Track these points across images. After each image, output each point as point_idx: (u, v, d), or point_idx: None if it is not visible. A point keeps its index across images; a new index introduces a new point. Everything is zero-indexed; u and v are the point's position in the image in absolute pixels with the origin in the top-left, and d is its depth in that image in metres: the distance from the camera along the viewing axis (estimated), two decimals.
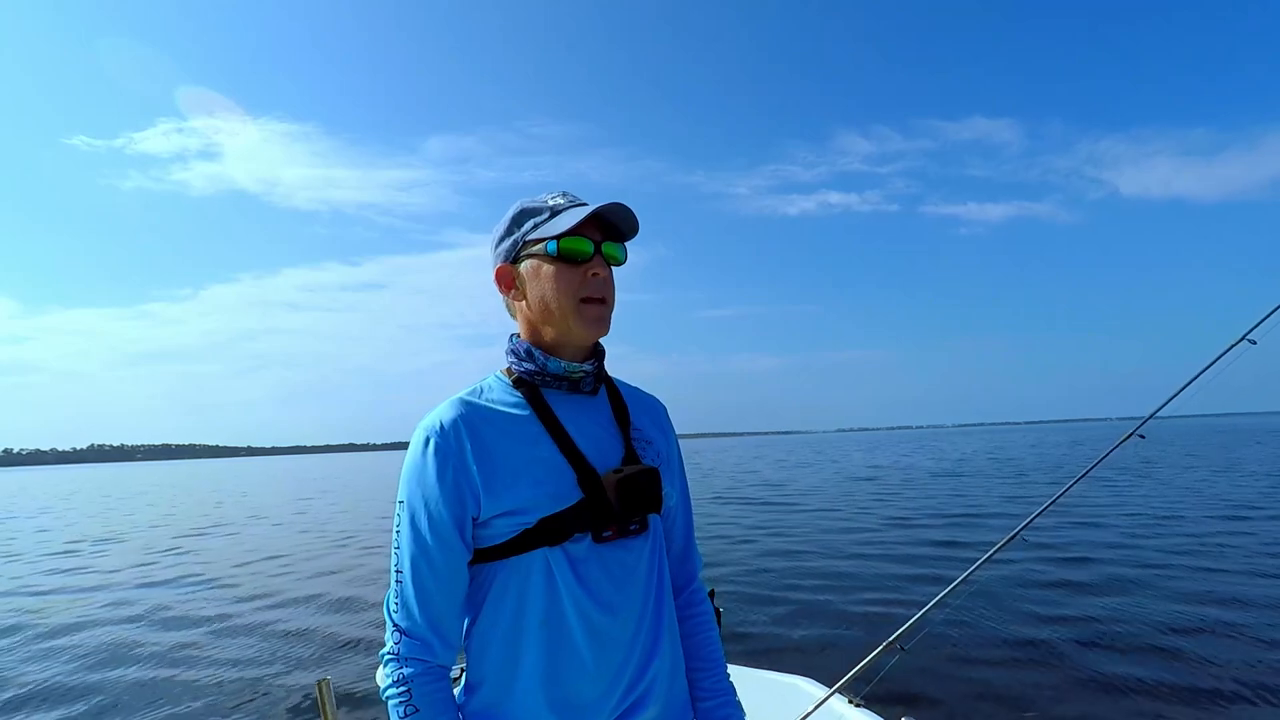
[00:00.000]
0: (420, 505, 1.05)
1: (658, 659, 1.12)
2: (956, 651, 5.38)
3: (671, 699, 1.15)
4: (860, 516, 13.96)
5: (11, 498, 38.34)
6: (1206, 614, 6.18)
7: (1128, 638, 5.63)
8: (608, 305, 1.13)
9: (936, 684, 4.71)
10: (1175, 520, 11.60)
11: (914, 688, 4.57)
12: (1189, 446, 36.52)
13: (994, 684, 4.76)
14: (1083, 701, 4.46)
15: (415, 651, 1.03)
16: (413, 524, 1.05)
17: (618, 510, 1.07)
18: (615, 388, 1.23)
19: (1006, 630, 5.94)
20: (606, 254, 1.13)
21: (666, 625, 1.15)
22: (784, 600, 7.28)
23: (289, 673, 5.64)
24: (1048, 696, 4.55)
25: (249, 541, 14.46)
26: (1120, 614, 6.27)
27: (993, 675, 4.91)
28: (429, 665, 1.04)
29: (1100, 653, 5.30)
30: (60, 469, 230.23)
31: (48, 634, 7.28)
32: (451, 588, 1.06)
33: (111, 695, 5.32)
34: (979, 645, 5.55)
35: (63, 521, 21.27)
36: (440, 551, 1.04)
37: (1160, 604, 6.55)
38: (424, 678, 1.03)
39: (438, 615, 1.05)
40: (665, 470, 1.20)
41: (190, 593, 9.18)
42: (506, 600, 1.06)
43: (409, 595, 1.04)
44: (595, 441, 1.13)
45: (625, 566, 1.10)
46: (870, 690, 1.08)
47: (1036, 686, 4.71)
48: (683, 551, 1.29)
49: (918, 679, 4.69)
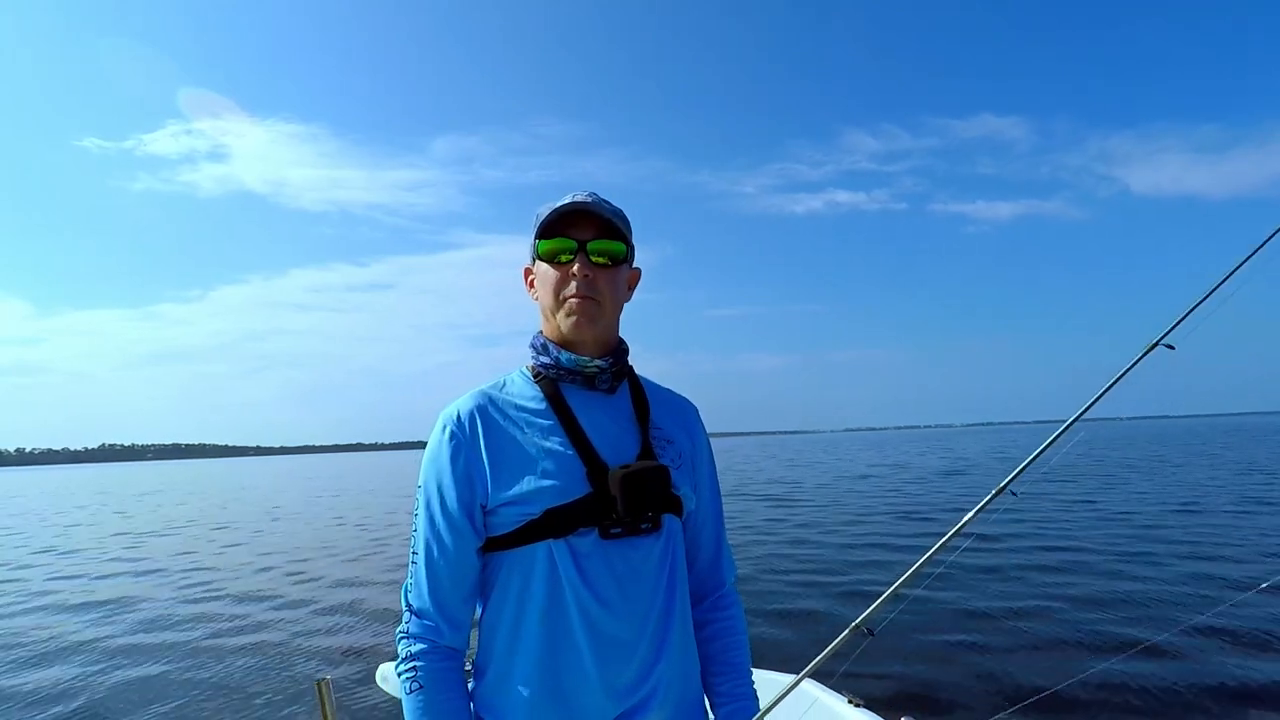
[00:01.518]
0: (435, 491, 1.10)
1: (663, 663, 1.10)
2: (921, 634, 5.75)
3: (682, 706, 1.13)
4: (860, 513, 14.02)
5: (49, 497, 38.50)
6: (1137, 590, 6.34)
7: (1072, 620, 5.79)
8: (596, 303, 1.12)
9: (903, 665, 5.08)
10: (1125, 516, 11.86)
11: (882, 669, 4.93)
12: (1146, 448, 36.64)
13: (956, 662, 5.13)
14: (1040, 674, 4.72)
15: (424, 631, 1.08)
16: (428, 509, 1.10)
17: (622, 505, 1.06)
18: (639, 386, 1.23)
19: (971, 611, 6.46)
20: (596, 250, 1.12)
21: (677, 630, 1.13)
22: (783, 595, 7.40)
23: (289, 673, 5.64)
24: (1008, 672, 4.91)
25: (259, 540, 14.59)
26: (1069, 596, 6.49)
27: (956, 654, 5.29)
28: (437, 645, 1.07)
29: (1053, 627, 5.55)
30: (73, 468, 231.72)
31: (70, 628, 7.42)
32: (461, 572, 1.09)
33: (113, 693, 5.35)
34: (942, 627, 5.97)
35: (87, 517, 21.50)
36: (451, 536, 1.08)
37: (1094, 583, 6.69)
38: (431, 655, 1.06)
39: (446, 598, 1.08)
40: (684, 471, 1.18)
41: (191, 593, 9.19)
42: (510, 590, 1.08)
43: (421, 577, 1.09)
44: (609, 437, 1.13)
45: (631, 565, 1.09)
46: (845, 669, 1.15)
47: (998, 664, 5.08)
48: (714, 557, 1.27)
49: (886, 661, 5.09)
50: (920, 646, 5.47)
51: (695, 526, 1.24)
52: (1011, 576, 7.82)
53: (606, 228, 1.13)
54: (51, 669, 6.02)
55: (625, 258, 1.16)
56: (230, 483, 46.16)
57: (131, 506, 26.56)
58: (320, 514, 19.94)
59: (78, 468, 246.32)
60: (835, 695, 2.33)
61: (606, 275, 1.13)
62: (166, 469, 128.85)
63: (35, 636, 7.17)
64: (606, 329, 1.16)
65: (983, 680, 4.79)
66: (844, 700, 2.27)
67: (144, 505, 27.08)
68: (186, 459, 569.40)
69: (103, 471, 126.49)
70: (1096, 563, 8.42)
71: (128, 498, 32.82)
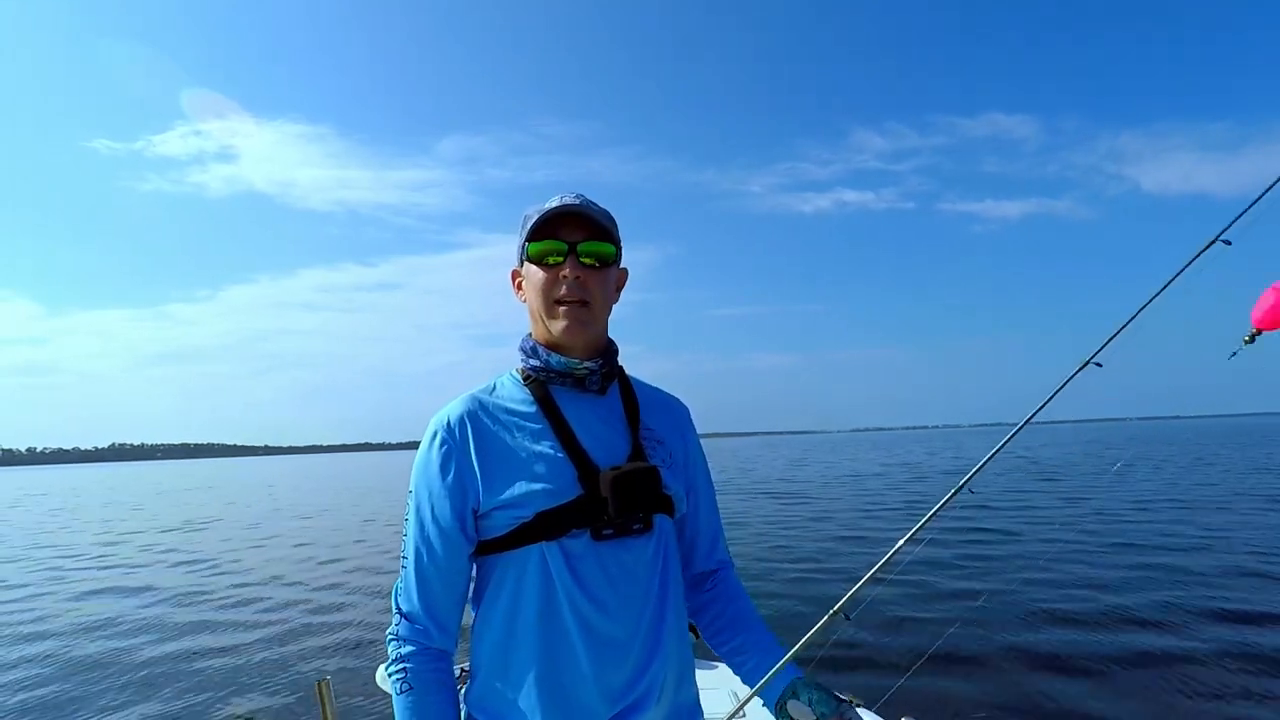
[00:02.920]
0: (425, 496, 1.10)
1: (658, 663, 1.10)
2: (897, 618, 6.18)
3: (677, 707, 1.14)
4: (859, 511, 14.12)
5: (78, 495, 38.50)
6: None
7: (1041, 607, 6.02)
8: (586, 306, 1.13)
9: (879, 649, 5.45)
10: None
11: (859, 652, 5.29)
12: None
13: (926, 647, 5.40)
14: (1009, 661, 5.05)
15: (414, 634, 1.09)
16: (418, 514, 1.11)
17: (613, 507, 1.07)
18: (630, 387, 1.23)
19: (944, 596, 6.95)
20: (585, 252, 1.12)
21: (671, 630, 1.13)
22: (784, 595, 7.61)
23: (289, 673, 5.62)
24: (981, 656, 5.25)
25: (265, 539, 14.67)
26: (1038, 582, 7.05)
27: (926, 639, 5.61)
28: (426, 648, 1.09)
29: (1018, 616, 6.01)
30: (84, 468, 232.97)
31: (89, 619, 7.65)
32: (450, 577, 1.10)
33: (112, 691, 5.39)
34: (917, 611, 6.41)
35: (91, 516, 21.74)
36: (440, 541, 1.09)
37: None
38: (420, 657, 1.08)
39: (435, 602, 1.09)
40: (675, 471, 1.19)
41: (195, 592, 9.20)
42: (503, 593, 1.09)
43: (411, 581, 1.10)
44: (600, 439, 1.13)
45: (624, 566, 1.09)
46: (822, 655, 1.26)
47: (969, 648, 5.41)
48: (711, 543, 1.30)
49: (863, 644, 5.50)
50: (891, 628, 5.87)
51: (694, 519, 1.26)
52: (971, 570, 8.25)
53: (596, 229, 1.13)
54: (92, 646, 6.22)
55: (614, 259, 1.17)
56: (252, 481, 46.17)
57: (177, 503, 26.61)
58: (351, 512, 19.90)
59: (89, 467, 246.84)
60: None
61: (596, 277, 1.13)
62: (183, 468, 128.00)
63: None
64: (596, 331, 1.16)
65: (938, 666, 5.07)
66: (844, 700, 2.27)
67: (192, 502, 27.17)
68: (196, 458, 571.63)
69: (115, 471, 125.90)
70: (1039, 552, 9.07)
71: (169, 494, 32.93)
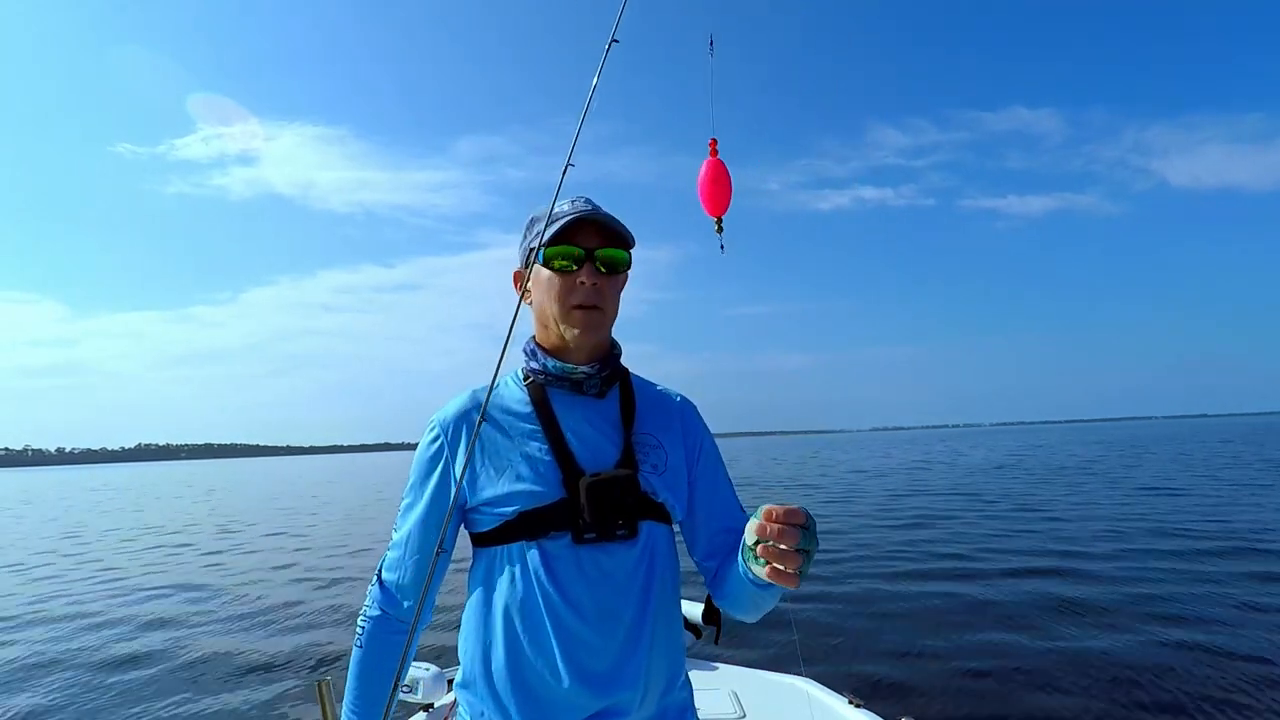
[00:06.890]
0: (417, 486, 1.17)
1: (636, 670, 1.10)
2: (897, 616, 6.34)
3: (663, 710, 1.14)
4: (860, 512, 14.27)
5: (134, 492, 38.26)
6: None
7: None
8: (601, 311, 1.15)
9: (879, 649, 5.53)
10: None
11: (859, 652, 5.41)
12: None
13: (926, 647, 5.54)
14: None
15: (384, 602, 1.17)
16: (410, 505, 1.18)
17: (588, 513, 1.08)
18: (630, 390, 1.24)
19: (945, 595, 7.11)
20: (602, 258, 1.14)
21: (656, 637, 1.13)
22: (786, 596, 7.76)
23: (289, 673, 5.57)
24: (981, 656, 5.32)
25: (271, 538, 14.55)
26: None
27: (926, 639, 5.73)
28: (386, 615, 1.16)
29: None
30: (112, 467, 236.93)
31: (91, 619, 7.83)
32: (426, 562, 1.14)
33: (112, 689, 5.34)
34: (917, 611, 6.54)
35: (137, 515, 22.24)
36: (419, 531, 1.16)
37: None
38: (380, 621, 1.16)
39: (411, 581, 1.15)
40: (668, 476, 1.18)
41: (197, 592, 9.11)
42: (485, 585, 1.13)
43: (391, 558, 1.18)
44: (589, 443, 1.15)
45: (603, 570, 1.10)
46: (822, 653, 1.39)
47: (970, 648, 5.50)
48: (725, 537, 1.23)
49: (864, 643, 5.62)
50: (892, 629, 5.99)
51: (707, 511, 1.24)
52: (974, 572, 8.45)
53: (612, 235, 1.16)
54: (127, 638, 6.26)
55: (627, 265, 1.19)
56: (270, 481, 46.24)
57: (196, 504, 26.56)
58: (361, 513, 19.88)
59: (116, 467, 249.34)
60: (835, 695, 2.29)
61: (610, 283, 1.16)
62: (210, 468, 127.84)
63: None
64: (605, 336, 1.20)
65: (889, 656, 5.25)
66: (844, 700, 2.23)
67: (239, 500, 27.41)
68: (219, 459, 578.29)
69: (141, 471, 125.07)
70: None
71: (186, 495, 32.92)
